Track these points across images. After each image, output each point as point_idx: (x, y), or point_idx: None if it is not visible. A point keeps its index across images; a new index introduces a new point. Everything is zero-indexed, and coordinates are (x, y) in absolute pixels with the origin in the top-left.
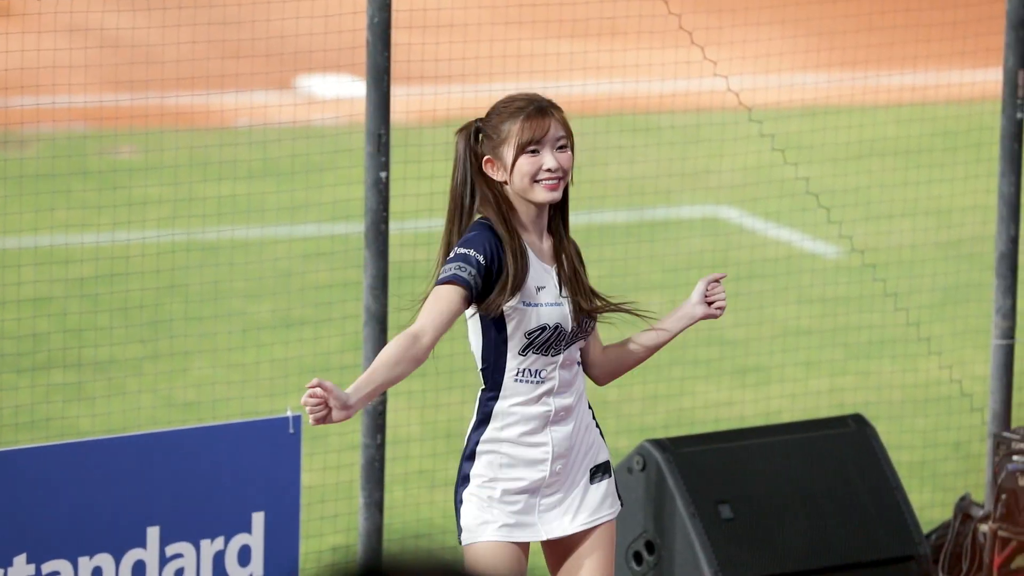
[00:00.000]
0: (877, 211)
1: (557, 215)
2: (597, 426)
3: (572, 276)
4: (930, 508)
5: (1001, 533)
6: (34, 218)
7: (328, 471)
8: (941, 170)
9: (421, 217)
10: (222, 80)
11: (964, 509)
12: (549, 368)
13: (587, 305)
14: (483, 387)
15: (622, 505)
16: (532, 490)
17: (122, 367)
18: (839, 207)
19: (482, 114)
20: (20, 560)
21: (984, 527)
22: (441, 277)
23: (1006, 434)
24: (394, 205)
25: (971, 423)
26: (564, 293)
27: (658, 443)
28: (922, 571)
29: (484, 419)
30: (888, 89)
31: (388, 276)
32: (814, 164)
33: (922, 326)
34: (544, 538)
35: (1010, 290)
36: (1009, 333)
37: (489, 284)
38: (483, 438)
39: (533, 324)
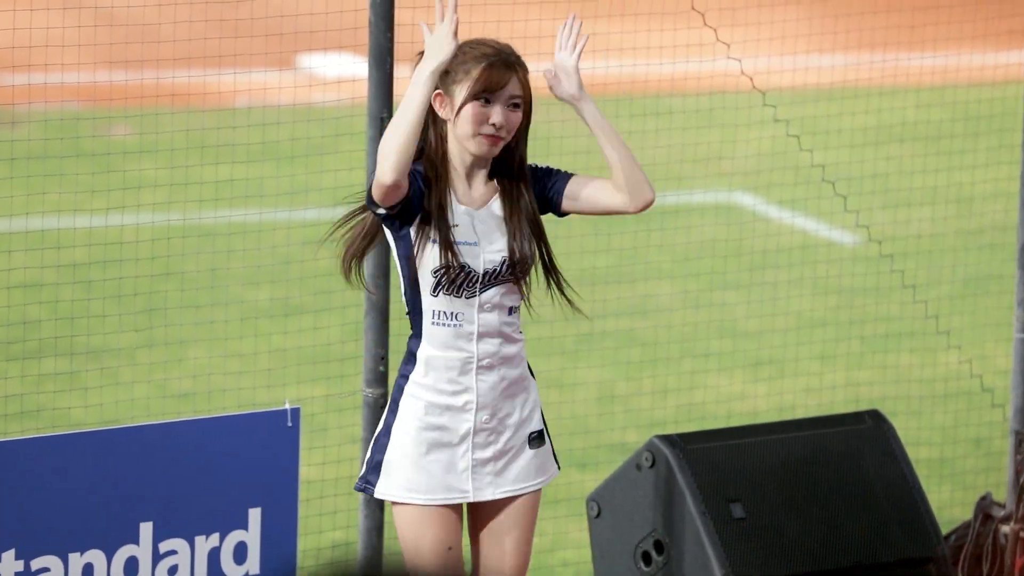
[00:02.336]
0: (896, 199)
1: (508, 163)
2: (536, 392)
3: (508, 219)
4: (949, 507)
5: (1023, 534)
6: (25, 201)
7: (328, 465)
8: (963, 156)
9: None
10: (220, 59)
11: (985, 508)
12: (467, 311)
13: (513, 250)
14: (410, 333)
15: (559, 468)
16: (458, 441)
17: (116, 356)
18: (856, 194)
19: None
20: (8, 556)
21: (1005, 527)
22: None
23: None
24: None
25: (992, 419)
26: (483, 236)
27: (668, 439)
28: (940, 573)
29: (408, 365)
30: (908, 72)
31: (390, 264)
32: (831, 149)
33: (942, 318)
34: (472, 499)
35: None
36: None
37: (407, 207)
38: (407, 384)
39: (439, 261)
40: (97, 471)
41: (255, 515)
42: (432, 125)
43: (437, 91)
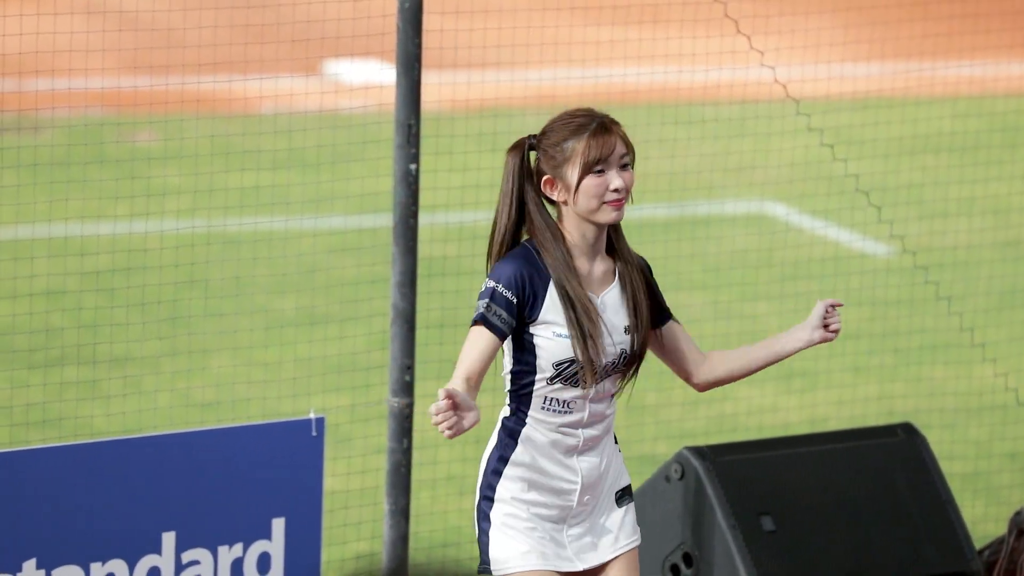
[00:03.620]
0: (931, 210)
1: (615, 235)
2: (619, 450)
3: (629, 308)
4: (983, 522)
5: None
6: (48, 207)
7: (352, 476)
8: (999, 167)
9: (452, 210)
10: (246, 65)
11: (1020, 524)
12: (579, 400)
13: (635, 339)
14: (507, 410)
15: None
16: (559, 519)
17: (139, 364)
18: (891, 205)
19: (536, 128)
20: (29, 566)
21: None
22: (475, 316)
23: None
24: (424, 198)
25: None
26: (608, 326)
27: (698, 451)
28: None
29: (509, 442)
30: (944, 81)
31: (417, 272)
32: (865, 159)
33: (977, 331)
34: (580, 568)
35: None
36: None
37: (522, 315)
38: (511, 460)
39: (563, 355)
40: (119, 480)
41: (279, 525)
42: (536, 211)
43: (546, 176)
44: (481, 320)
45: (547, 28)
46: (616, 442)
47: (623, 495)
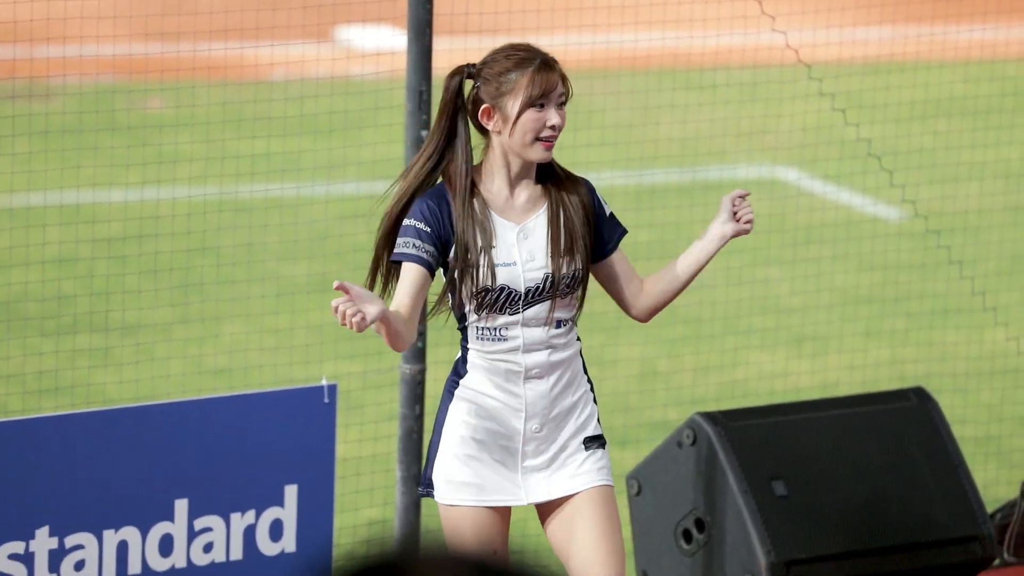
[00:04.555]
0: (943, 174)
1: (547, 166)
2: (595, 401)
3: (553, 235)
4: (995, 486)
5: None
6: (60, 175)
7: (364, 443)
8: (1011, 131)
9: None
10: (257, 31)
11: None
12: (511, 327)
13: (557, 268)
14: (461, 336)
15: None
16: (510, 449)
17: (151, 331)
18: (903, 169)
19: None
20: (43, 533)
21: None
22: (395, 254)
23: None
24: None
25: None
26: (525, 254)
27: (709, 416)
28: (986, 552)
29: (461, 367)
30: (956, 45)
31: None
32: (877, 124)
33: (988, 295)
34: (525, 502)
35: None
36: None
37: (443, 246)
38: (458, 388)
39: (478, 285)
40: (132, 448)
41: (291, 492)
42: (462, 145)
43: (485, 105)
44: (402, 257)
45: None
46: (592, 391)
47: (591, 442)
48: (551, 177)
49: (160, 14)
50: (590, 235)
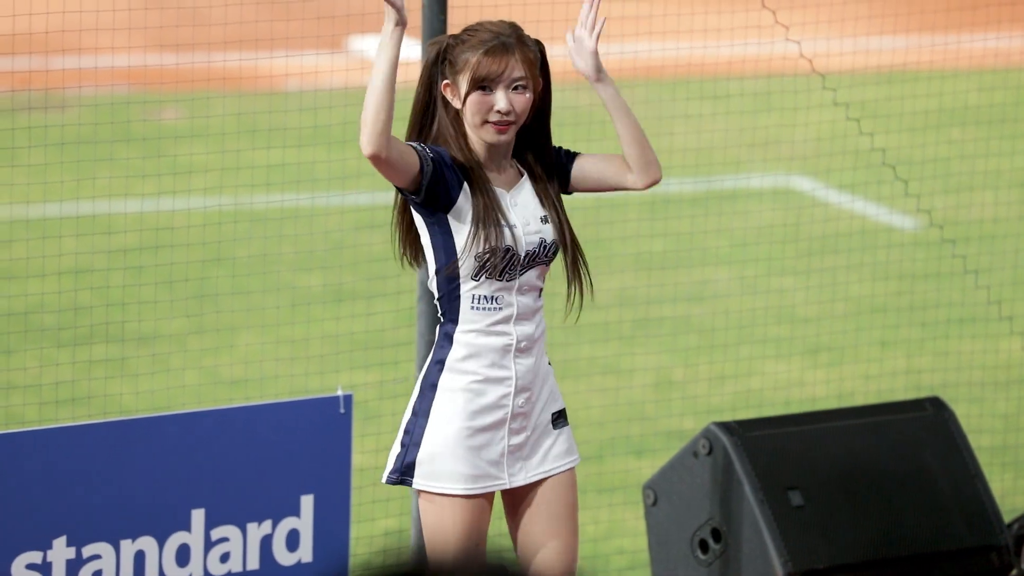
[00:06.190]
0: (958, 183)
1: (532, 143)
2: (552, 371)
3: (542, 200)
4: (1012, 495)
5: None
6: (75, 185)
7: (381, 452)
8: None
9: None
10: (271, 42)
11: None
12: (505, 294)
13: (546, 233)
14: (440, 319)
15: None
16: (497, 426)
17: (166, 342)
18: (917, 178)
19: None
20: (60, 543)
21: None
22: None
23: None
24: None
25: None
26: (519, 218)
27: (725, 426)
28: (1003, 562)
29: (443, 350)
30: (970, 54)
31: None
32: (891, 133)
33: (1004, 304)
34: (509, 486)
35: None
36: None
37: (434, 192)
38: (443, 372)
39: (490, 244)
40: (148, 458)
41: (307, 502)
42: (446, 112)
43: (446, 81)
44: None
45: (572, 4)
46: (549, 364)
47: (558, 418)
48: (533, 150)
49: (174, 25)
50: (557, 179)
